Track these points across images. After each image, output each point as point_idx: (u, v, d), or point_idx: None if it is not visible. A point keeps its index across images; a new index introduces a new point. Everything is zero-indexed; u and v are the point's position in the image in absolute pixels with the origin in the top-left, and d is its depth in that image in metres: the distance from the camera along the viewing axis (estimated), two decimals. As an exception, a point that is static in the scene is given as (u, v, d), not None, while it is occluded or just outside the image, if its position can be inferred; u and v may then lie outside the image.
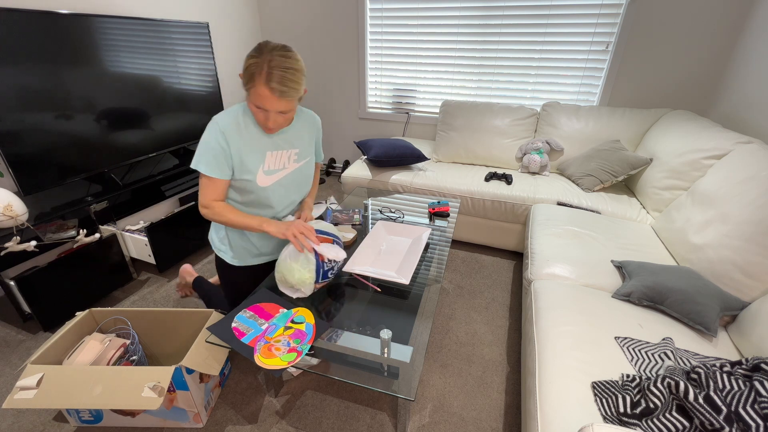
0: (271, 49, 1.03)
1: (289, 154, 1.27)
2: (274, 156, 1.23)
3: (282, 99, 1.05)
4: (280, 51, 1.04)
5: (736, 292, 1.22)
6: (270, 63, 1.01)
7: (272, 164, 1.23)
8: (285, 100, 1.05)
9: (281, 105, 1.06)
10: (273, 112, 1.08)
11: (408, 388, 0.93)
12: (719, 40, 2.16)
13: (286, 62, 1.03)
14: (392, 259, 1.39)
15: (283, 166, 1.26)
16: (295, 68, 1.05)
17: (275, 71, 1.01)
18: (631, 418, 0.85)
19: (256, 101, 1.06)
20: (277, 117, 1.10)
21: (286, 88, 1.03)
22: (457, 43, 2.70)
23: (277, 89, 1.02)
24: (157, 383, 1.06)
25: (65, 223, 1.76)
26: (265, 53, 1.02)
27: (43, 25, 1.55)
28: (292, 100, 1.07)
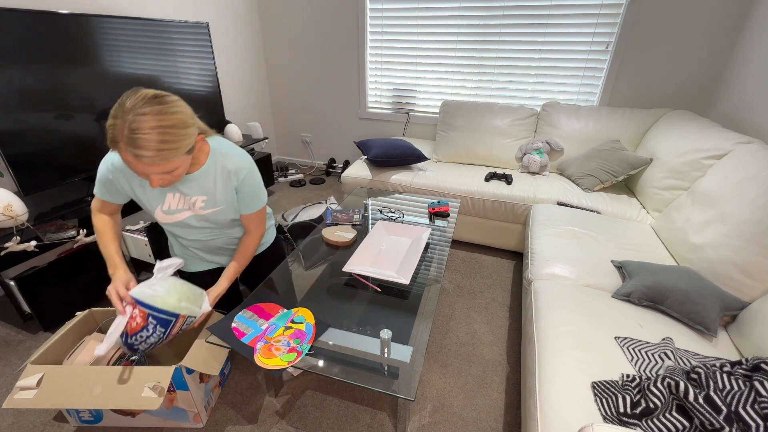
0: (133, 107, 0.84)
1: (194, 200, 1.13)
2: (175, 198, 1.12)
3: (156, 165, 0.88)
4: (145, 106, 0.85)
5: (736, 292, 1.22)
6: (129, 125, 0.83)
7: (173, 205, 1.13)
8: (161, 164, 0.88)
9: (157, 169, 0.90)
10: (152, 174, 0.92)
11: (408, 388, 0.93)
12: (719, 40, 2.16)
13: (152, 120, 0.85)
14: (392, 259, 1.39)
15: (188, 208, 1.15)
16: (166, 125, 0.86)
17: (137, 135, 0.83)
18: (631, 418, 0.85)
19: (125, 163, 0.89)
20: (160, 178, 0.94)
21: (154, 152, 0.85)
22: (457, 43, 2.70)
23: (144, 156, 0.85)
24: (157, 383, 1.06)
25: (65, 223, 1.76)
26: (125, 112, 0.84)
27: (43, 25, 1.55)
28: (171, 162, 0.90)
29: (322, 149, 3.60)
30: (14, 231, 1.52)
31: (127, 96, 0.87)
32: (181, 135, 0.90)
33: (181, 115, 0.91)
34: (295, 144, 3.70)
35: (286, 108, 3.52)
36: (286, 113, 3.56)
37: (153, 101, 0.87)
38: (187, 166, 0.99)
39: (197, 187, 1.11)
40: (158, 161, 0.87)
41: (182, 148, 0.91)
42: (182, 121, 0.91)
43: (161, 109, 0.87)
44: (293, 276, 1.37)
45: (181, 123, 0.90)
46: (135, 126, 0.83)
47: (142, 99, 0.86)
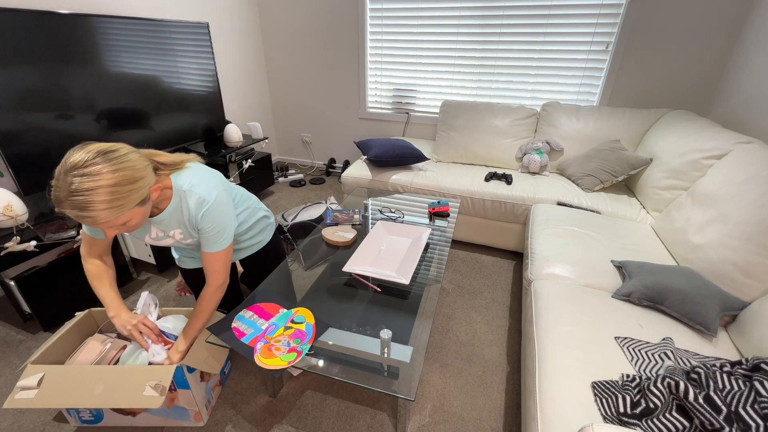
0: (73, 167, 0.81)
1: (173, 233, 1.14)
2: (155, 230, 1.13)
3: (100, 223, 0.86)
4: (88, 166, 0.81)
5: (736, 292, 1.22)
6: (71, 188, 0.80)
7: (157, 234, 1.14)
8: (107, 221, 0.86)
9: (104, 226, 0.88)
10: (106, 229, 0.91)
11: (408, 388, 0.93)
12: (719, 40, 2.16)
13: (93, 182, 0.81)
14: (392, 259, 1.39)
15: (170, 238, 1.16)
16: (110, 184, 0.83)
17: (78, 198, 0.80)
18: (631, 418, 0.85)
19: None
20: (114, 230, 0.93)
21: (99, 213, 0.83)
22: (457, 43, 2.70)
23: (88, 217, 0.83)
24: (159, 382, 1.06)
25: (65, 223, 1.76)
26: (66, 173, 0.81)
27: (43, 25, 1.55)
28: (122, 216, 0.88)
29: (322, 149, 3.60)
30: (14, 231, 1.52)
31: (70, 154, 0.84)
32: (128, 191, 0.86)
33: (127, 171, 0.86)
34: (295, 144, 3.70)
35: (286, 108, 3.52)
36: (286, 113, 3.56)
37: (97, 158, 0.83)
38: (143, 216, 0.96)
39: (170, 223, 1.10)
40: (103, 219, 0.84)
41: (129, 204, 0.88)
42: (128, 177, 0.86)
43: (102, 168, 0.82)
44: (293, 276, 1.37)
45: (127, 179, 0.86)
46: (74, 188, 0.80)
47: (85, 156, 0.82)
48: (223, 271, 1.18)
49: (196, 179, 1.08)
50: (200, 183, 1.08)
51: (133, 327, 1.13)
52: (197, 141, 2.43)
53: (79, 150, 0.84)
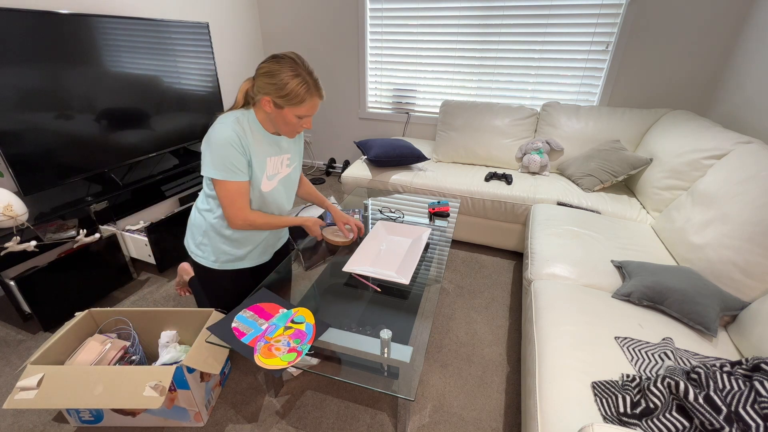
0: (301, 62, 1.08)
1: (282, 159, 1.28)
2: (272, 161, 1.24)
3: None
4: (306, 62, 1.10)
5: (736, 292, 1.22)
6: (312, 76, 1.09)
7: (272, 169, 1.25)
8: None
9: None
10: (312, 115, 1.15)
11: (408, 388, 0.93)
12: (719, 40, 2.16)
13: (313, 71, 1.11)
14: (392, 259, 1.39)
15: (278, 171, 1.28)
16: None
17: (317, 81, 1.10)
18: (631, 418, 0.85)
19: (307, 112, 1.11)
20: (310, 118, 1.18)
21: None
22: (457, 43, 2.70)
23: (323, 95, 1.13)
24: (159, 382, 1.06)
25: (65, 223, 1.76)
26: (302, 68, 1.07)
27: (43, 25, 1.55)
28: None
29: (322, 149, 3.60)
30: (14, 231, 1.52)
31: (283, 59, 1.07)
32: None
33: None
34: (295, 144, 3.69)
35: (286, 108, 3.52)
36: (286, 113, 3.55)
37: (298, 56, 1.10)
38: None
39: (283, 145, 1.28)
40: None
41: None
42: None
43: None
44: (293, 276, 1.37)
45: None
46: (315, 76, 1.09)
47: (299, 58, 1.09)
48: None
49: None
50: None
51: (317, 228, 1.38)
52: (197, 141, 2.43)
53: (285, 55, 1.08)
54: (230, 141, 1.09)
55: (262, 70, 1.08)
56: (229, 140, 1.09)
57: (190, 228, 1.35)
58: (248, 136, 1.14)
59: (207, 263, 1.32)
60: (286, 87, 1.05)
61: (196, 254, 1.33)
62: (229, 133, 1.09)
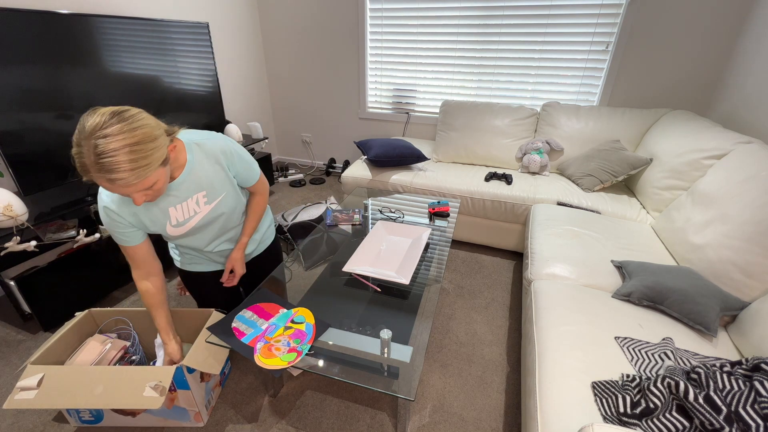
0: (93, 130, 0.78)
1: (196, 199, 1.10)
2: (177, 210, 1.09)
3: (133, 185, 0.85)
4: (108, 126, 0.79)
5: (736, 292, 1.22)
6: (95, 149, 0.77)
7: (180, 216, 1.10)
8: (138, 182, 0.85)
9: (136, 188, 0.87)
10: (133, 194, 0.89)
11: (408, 388, 0.93)
12: (719, 40, 2.16)
13: (118, 140, 0.79)
14: (392, 259, 1.39)
15: (194, 213, 1.12)
16: (133, 143, 0.81)
17: (105, 160, 0.78)
18: (631, 418, 0.85)
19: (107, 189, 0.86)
20: (143, 195, 0.91)
21: (128, 173, 0.81)
22: (457, 43, 2.70)
23: (119, 180, 0.81)
24: (159, 382, 1.06)
25: (65, 223, 1.76)
26: (87, 138, 0.78)
27: (43, 25, 1.55)
28: (148, 178, 0.87)
29: (322, 149, 3.60)
30: (14, 231, 1.52)
31: (85, 119, 0.80)
32: (151, 149, 0.85)
33: (146, 129, 0.85)
34: (295, 144, 3.70)
35: (286, 108, 3.52)
36: (286, 113, 3.56)
37: (113, 120, 0.80)
38: (166, 178, 0.95)
39: (191, 187, 1.08)
40: (133, 180, 0.83)
41: (155, 162, 0.87)
42: (148, 134, 0.85)
43: (122, 127, 0.81)
44: (293, 276, 1.37)
45: (147, 137, 0.84)
46: (100, 150, 0.78)
47: (101, 119, 0.80)
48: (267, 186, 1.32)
49: (198, 134, 1.11)
50: (204, 134, 1.12)
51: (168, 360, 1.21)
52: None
53: (91, 114, 0.81)
54: (104, 217, 1.04)
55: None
56: (103, 217, 1.04)
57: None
58: (125, 201, 1.02)
59: (179, 265, 1.37)
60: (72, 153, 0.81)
61: (174, 257, 1.38)
62: (105, 201, 1.02)
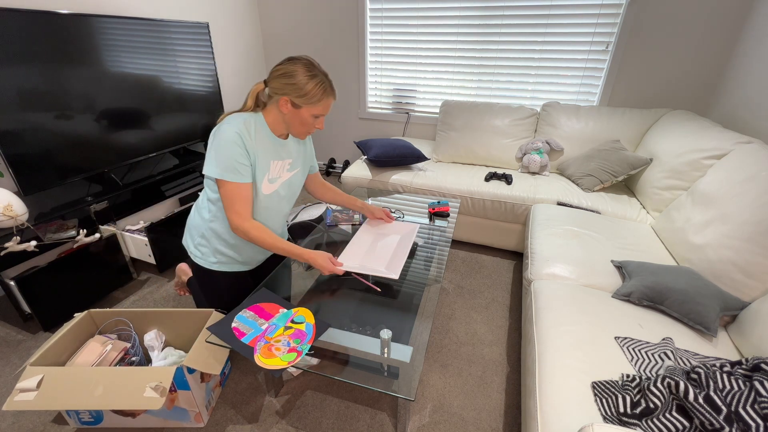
0: (316, 65, 1.13)
1: (284, 164, 1.29)
2: (276, 165, 1.25)
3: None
4: (319, 65, 1.15)
5: (736, 292, 1.22)
6: (327, 77, 1.14)
7: (275, 172, 1.26)
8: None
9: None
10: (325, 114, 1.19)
11: (408, 388, 0.93)
12: (719, 40, 2.16)
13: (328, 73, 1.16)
14: (382, 255, 1.40)
15: (280, 176, 1.29)
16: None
17: (332, 82, 1.16)
18: (631, 418, 0.85)
19: (323, 111, 1.16)
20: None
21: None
22: (457, 43, 2.70)
23: (336, 96, 1.18)
24: (159, 383, 1.06)
25: (65, 223, 1.76)
26: (317, 70, 1.12)
27: (43, 25, 1.55)
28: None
29: (322, 149, 3.60)
30: (14, 231, 1.52)
31: (305, 61, 1.11)
32: None
33: None
34: (295, 144, 3.69)
35: (286, 108, 3.52)
36: (286, 113, 3.55)
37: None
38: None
39: (287, 150, 1.29)
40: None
41: None
42: None
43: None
44: (293, 276, 1.37)
45: None
46: (329, 78, 1.15)
47: (314, 61, 1.14)
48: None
49: None
50: None
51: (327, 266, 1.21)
52: (197, 141, 2.43)
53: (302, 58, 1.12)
54: (235, 140, 1.11)
55: (278, 72, 1.11)
56: (234, 140, 1.10)
57: (188, 228, 1.35)
58: (254, 137, 1.16)
59: (205, 264, 1.32)
60: (304, 87, 1.09)
61: (195, 255, 1.33)
62: (235, 133, 1.11)
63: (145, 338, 1.36)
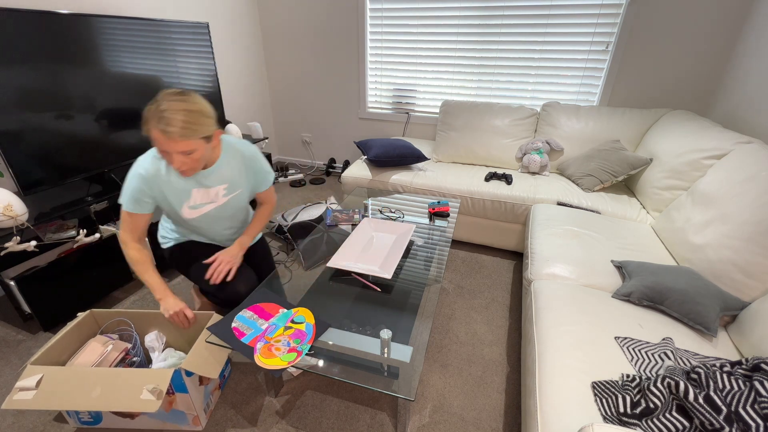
0: (165, 96, 1.08)
1: (217, 190, 1.32)
2: (199, 192, 1.29)
3: (178, 141, 1.06)
4: (175, 96, 1.08)
5: (736, 292, 1.21)
6: (159, 107, 1.05)
7: (199, 199, 1.30)
8: (182, 141, 1.06)
9: (179, 146, 1.07)
10: (174, 153, 1.09)
11: (408, 388, 0.93)
12: (719, 40, 2.16)
13: (180, 105, 1.06)
14: (377, 255, 1.41)
15: (212, 200, 1.33)
16: (190, 109, 1.07)
17: (166, 114, 1.04)
18: (631, 418, 0.85)
19: (156, 145, 1.09)
20: (181, 158, 1.10)
21: (178, 129, 1.05)
22: (457, 43, 2.70)
23: (169, 131, 1.04)
24: (156, 386, 1.06)
25: (65, 223, 1.76)
26: (158, 101, 1.06)
27: (43, 25, 1.55)
28: (191, 141, 1.08)
29: (322, 149, 3.60)
30: (14, 231, 1.52)
31: (161, 92, 1.09)
32: (202, 121, 1.10)
33: (203, 107, 1.12)
34: (295, 144, 3.70)
35: (286, 108, 3.52)
36: (286, 113, 3.56)
37: (180, 94, 1.10)
38: (204, 154, 1.15)
39: (217, 177, 1.30)
40: (179, 137, 1.05)
41: (202, 131, 1.10)
42: (203, 110, 1.11)
43: (186, 98, 1.09)
44: (293, 276, 1.37)
45: (202, 112, 1.11)
46: (164, 107, 1.04)
47: (172, 92, 1.09)
48: (274, 196, 1.57)
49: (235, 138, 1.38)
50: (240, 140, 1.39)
51: (175, 314, 1.25)
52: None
53: (166, 90, 1.10)
54: (138, 177, 1.20)
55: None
56: (136, 176, 1.20)
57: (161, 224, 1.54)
58: (164, 172, 1.22)
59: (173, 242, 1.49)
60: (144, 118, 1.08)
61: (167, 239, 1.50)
62: (139, 173, 1.20)
63: (146, 339, 1.36)
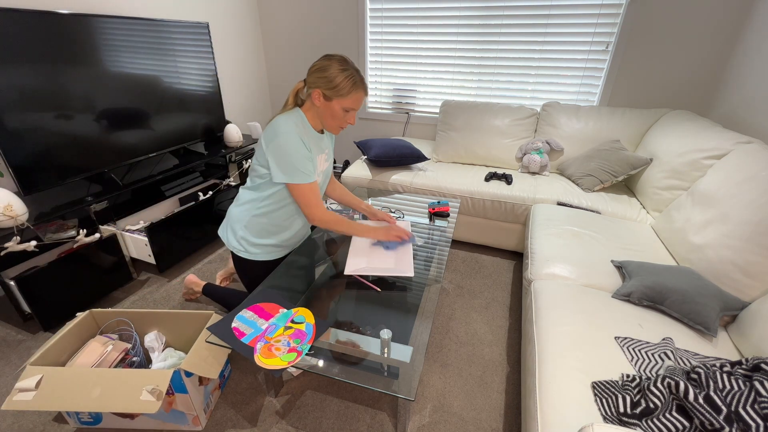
0: (350, 62, 1.21)
1: (323, 156, 1.40)
2: (319, 158, 1.37)
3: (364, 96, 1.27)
4: (352, 62, 1.23)
5: (736, 292, 1.22)
6: (358, 73, 1.22)
7: (320, 166, 1.38)
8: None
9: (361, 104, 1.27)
10: (357, 111, 1.28)
11: (408, 388, 0.93)
12: (719, 40, 2.16)
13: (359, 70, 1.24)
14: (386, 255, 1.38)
15: (322, 167, 1.40)
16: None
17: (363, 78, 1.23)
18: (631, 418, 0.85)
19: (352, 105, 1.23)
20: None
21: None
22: (457, 43, 2.70)
23: (367, 92, 1.26)
24: (156, 387, 1.06)
25: (65, 223, 1.76)
26: (350, 65, 1.20)
27: (43, 25, 1.55)
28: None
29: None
30: (14, 231, 1.52)
31: (340, 57, 1.20)
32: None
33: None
34: (295, 144, 3.69)
35: (286, 108, 3.52)
36: (286, 113, 3.55)
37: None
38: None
39: (324, 144, 1.40)
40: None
41: None
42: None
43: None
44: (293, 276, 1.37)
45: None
46: (361, 74, 1.22)
47: (339, 57, 1.21)
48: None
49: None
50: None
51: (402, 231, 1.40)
52: (197, 141, 2.43)
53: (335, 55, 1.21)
54: (299, 147, 1.22)
55: (314, 67, 1.21)
56: (298, 147, 1.22)
57: (230, 223, 1.41)
58: (306, 137, 1.27)
59: (249, 256, 1.40)
60: (335, 79, 1.18)
61: (237, 248, 1.40)
62: (297, 140, 1.22)
63: (146, 339, 1.36)
